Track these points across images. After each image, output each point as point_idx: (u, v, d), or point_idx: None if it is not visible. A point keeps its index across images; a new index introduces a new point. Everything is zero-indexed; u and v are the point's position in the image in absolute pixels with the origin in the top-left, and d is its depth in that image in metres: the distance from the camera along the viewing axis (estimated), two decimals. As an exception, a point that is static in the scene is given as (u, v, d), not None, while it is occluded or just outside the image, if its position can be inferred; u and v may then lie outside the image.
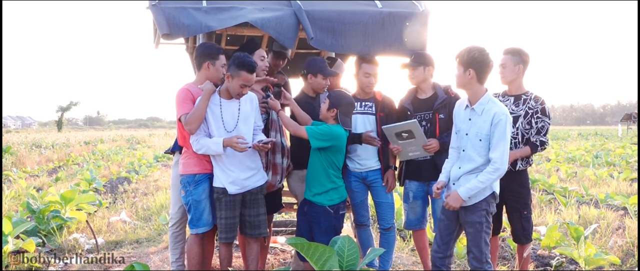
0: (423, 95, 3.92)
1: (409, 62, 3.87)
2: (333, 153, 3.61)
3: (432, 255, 3.45)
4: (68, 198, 6.68)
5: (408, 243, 5.51)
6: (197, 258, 3.68)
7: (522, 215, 3.81)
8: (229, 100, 3.57)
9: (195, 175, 3.61)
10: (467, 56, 3.15)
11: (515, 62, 3.76)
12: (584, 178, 11.42)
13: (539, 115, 3.71)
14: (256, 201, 3.67)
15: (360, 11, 3.88)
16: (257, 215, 3.68)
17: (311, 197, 3.66)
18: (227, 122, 3.55)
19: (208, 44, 3.89)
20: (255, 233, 3.71)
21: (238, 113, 3.58)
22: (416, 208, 4.01)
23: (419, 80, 3.88)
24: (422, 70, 3.84)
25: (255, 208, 3.67)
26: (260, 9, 3.75)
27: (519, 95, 3.80)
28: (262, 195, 3.72)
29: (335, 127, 3.60)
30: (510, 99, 3.80)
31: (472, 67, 3.15)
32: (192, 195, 3.60)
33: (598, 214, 6.76)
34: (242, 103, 3.61)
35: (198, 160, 3.63)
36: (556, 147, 24.75)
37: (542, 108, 3.72)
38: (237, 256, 4.99)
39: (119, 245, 5.84)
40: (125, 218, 7.10)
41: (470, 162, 3.25)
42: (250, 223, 3.69)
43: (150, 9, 3.53)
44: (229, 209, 3.59)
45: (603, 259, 4.41)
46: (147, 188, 10.47)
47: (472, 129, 3.24)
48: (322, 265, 3.01)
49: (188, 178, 3.62)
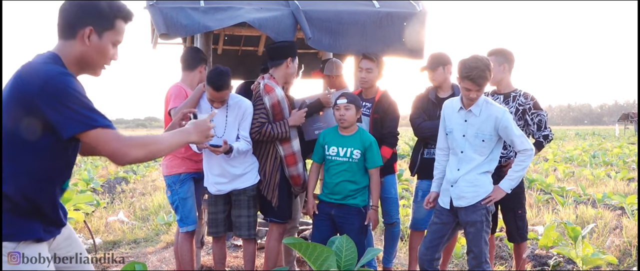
0: (443, 94, 3.93)
1: (428, 65, 3.89)
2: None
3: (420, 257, 3.42)
4: (65, 198, 6.64)
5: (406, 243, 5.52)
6: (189, 256, 3.77)
7: (517, 214, 3.81)
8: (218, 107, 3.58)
9: (180, 175, 3.71)
10: (483, 78, 3.11)
11: (499, 62, 3.78)
12: (581, 178, 11.42)
13: (533, 110, 3.72)
14: (238, 202, 3.67)
15: (358, 11, 3.88)
16: (238, 216, 3.68)
17: (341, 199, 3.57)
18: (217, 128, 3.54)
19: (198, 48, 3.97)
20: (240, 233, 3.72)
21: (225, 121, 3.59)
22: (423, 208, 4.01)
23: (441, 81, 3.88)
24: (442, 70, 3.86)
25: (237, 209, 3.68)
26: (258, 9, 3.75)
27: (508, 93, 3.82)
28: (246, 197, 3.66)
29: (366, 132, 3.65)
30: (500, 98, 3.82)
31: (485, 85, 3.17)
32: (178, 193, 3.70)
33: (595, 214, 6.77)
34: (230, 111, 3.60)
35: (182, 161, 3.71)
36: (554, 146, 24.74)
37: (534, 103, 3.73)
38: (235, 256, 5.00)
39: (116, 245, 5.84)
40: (123, 218, 7.09)
41: (470, 162, 3.26)
42: (234, 223, 3.73)
43: (148, 8, 3.53)
44: (211, 205, 3.71)
45: (600, 258, 4.41)
46: (144, 188, 10.47)
47: (470, 130, 3.24)
48: (320, 265, 3.01)
49: (173, 178, 3.72)
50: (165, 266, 4.81)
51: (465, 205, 3.26)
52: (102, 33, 1.88)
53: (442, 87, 3.93)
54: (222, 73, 3.43)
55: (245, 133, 3.60)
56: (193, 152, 3.69)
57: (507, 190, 3.27)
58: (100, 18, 1.88)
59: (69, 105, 1.71)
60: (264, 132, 3.55)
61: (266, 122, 3.57)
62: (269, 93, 3.57)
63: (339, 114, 3.52)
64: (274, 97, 3.57)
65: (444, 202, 3.37)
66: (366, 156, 3.56)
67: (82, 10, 1.87)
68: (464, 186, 3.26)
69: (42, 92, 1.70)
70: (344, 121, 3.51)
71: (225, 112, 3.60)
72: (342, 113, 3.50)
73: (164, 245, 5.70)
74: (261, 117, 3.57)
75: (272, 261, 3.75)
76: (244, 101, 3.65)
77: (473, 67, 3.08)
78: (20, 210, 1.79)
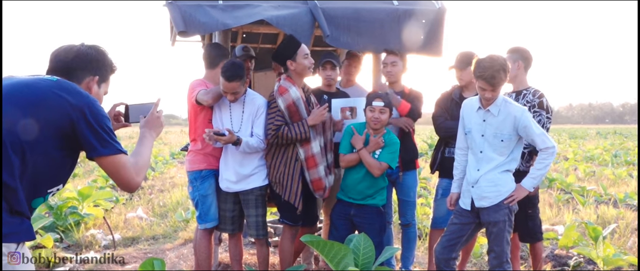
0: (468, 94, 3.91)
1: (456, 64, 3.89)
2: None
3: (436, 256, 3.40)
4: (85, 194, 6.75)
5: (424, 242, 5.49)
6: (206, 252, 3.79)
7: (527, 214, 3.75)
8: (232, 102, 3.60)
9: (201, 171, 3.70)
10: (498, 78, 3.09)
11: (514, 59, 3.76)
12: (602, 178, 11.28)
13: (535, 109, 3.65)
14: (246, 202, 3.68)
15: (377, 9, 3.87)
16: (247, 216, 3.72)
17: (360, 200, 3.58)
18: (233, 123, 3.60)
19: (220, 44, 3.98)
20: (250, 233, 3.75)
21: (242, 116, 3.61)
22: (443, 207, 3.99)
23: (468, 80, 3.87)
24: (471, 70, 3.84)
25: (246, 208, 3.71)
26: (276, 6, 3.76)
27: (520, 91, 3.79)
28: (253, 197, 3.66)
29: (394, 136, 3.63)
30: (512, 96, 3.79)
31: (501, 86, 3.16)
32: (199, 190, 3.70)
33: (617, 214, 6.68)
34: (246, 107, 3.62)
35: (204, 157, 3.71)
36: (574, 145, 24.45)
37: (539, 101, 3.67)
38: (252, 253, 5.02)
39: (135, 242, 5.90)
40: (141, 215, 7.17)
41: (490, 162, 3.24)
42: (246, 223, 3.78)
43: (167, 6, 3.56)
44: (222, 202, 3.75)
45: (622, 259, 4.36)
46: (163, 185, 10.56)
47: (489, 130, 3.23)
48: (337, 263, 3.02)
49: (195, 174, 3.72)
50: (183, 262, 4.85)
51: (487, 205, 3.24)
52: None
53: (468, 86, 3.92)
54: (234, 65, 3.44)
55: (259, 130, 3.59)
56: (214, 148, 3.68)
57: (529, 189, 3.25)
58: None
59: (105, 129, 1.95)
60: (281, 135, 3.47)
61: (282, 124, 3.49)
62: (283, 95, 3.50)
63: (372, 116, 3.50)
64: (289, 98, 3.51)
65: (465, 203, 3.35)
66: (382, 152, 3.54)
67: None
68: (485, 186, 3.24)
69: (85, 109, 1.89)
70: (377, 123, 3.50)
71: (241, 108, 3.62)
72: (376, 116, 3.48)
73: (182, 241, 5.75)
74: (277, 119, 3.50)
75: (286, 262, 3.76)
76: (258, 98, 3.67)
77: (487, 67, 3.07)
78: (20, 209, 1.85)
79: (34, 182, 1.88)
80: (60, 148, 1.91)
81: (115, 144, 1.96)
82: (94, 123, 1.90)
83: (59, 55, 2.08)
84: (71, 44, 2.12)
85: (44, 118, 1.85)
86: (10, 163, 1.79)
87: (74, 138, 1.91)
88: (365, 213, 3.57)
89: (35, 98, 1.86)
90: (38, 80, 1.94)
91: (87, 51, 2.10)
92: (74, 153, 1.99)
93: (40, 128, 1.84)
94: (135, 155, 2.11)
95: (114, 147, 1.96)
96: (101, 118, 1.94)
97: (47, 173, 1.93)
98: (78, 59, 2.07)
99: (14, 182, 1.79)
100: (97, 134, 1.91)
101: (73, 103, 1.88)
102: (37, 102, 1.86)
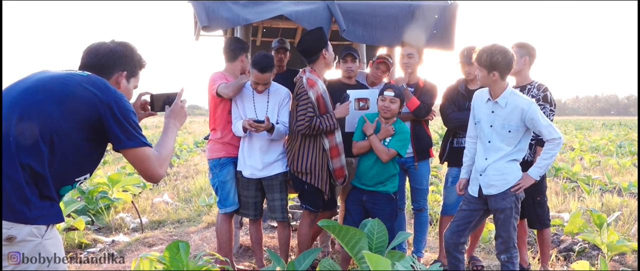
0: (474, 86, 4.03)
1: (462, 59, 4.01)
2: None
3: (446, 241, 3.52)
4: (115, 180, 7.07)
5: (435, 227, 5.63)
6: (227, 235, 4.00)
7: (535, 201, 3.86)
8: (259, 93, 3.79)
9: (220, 159, 3.91)
10: (491, 61, 3.21)
11: (521, 54, 3.84)
12: (607, 167, 11.33)
13: (540, 102, 3.73)
14: (271, 187, 3.88)
15: (391, 4, 4.00)
16: (272, 200, 3.91)
17: (372, 186, 3.74)
18: (258, 112, 3.78)
19: (239, 39, 4.17)
20: (275, 216, 3.94)
21: (266, 106, 3.80)
22: (453, 194, 4.12)
23: (474, 75, 3.97)
24: (476, 65, 3.96)
25: (271, 193, 3.90)
26: (295, 2, 3.91)
27: (524, 85, 3.87)
28: (278, 182, 3.86)
29: (404, 125, 3.77)
30: (517, 89, 3.87)
31: (496, 70, 3.23)
32: (218, 177, 3.91)
33: (621, 202, 6.77)
34: (271, 97, 3.82)
35: (223, 146, 3.92)
36: (580, 136, 24.29)
37: (544, 95, 3.76)
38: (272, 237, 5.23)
39: (161, 225, 6.16)
40: (167, 200, 7.44)
41: (498, 151, 3.34)
42: (269, 206, 3.97)
43: (191, 2, 3.75)
44: (243, 189, 3.92)
45: (625, 245, 4.45)
46: (187, 172, 10.84)
47: (497, 121, 3.32)
48: (352, 247, 3.18)
49: (214, 161, 3.93)
50: (206, 244, 5.07)
51: (495, 193, 3.34)
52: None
53: (474, 80, 4.03)
54: (267, 56, 3.66)
55: (284, 119, 3.82)
56: (233, 137, 3.88)
57: (535, 178, 3.33)
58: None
59: (131, 123, 2.03)
60: (313, 126, 3.60)
61: (314, 116, 3.62)
62: (313, 87, 3.62)
63: (383, 105, 3.66)
64: (317, 91, 3.64)
65: (473, 190, 3.46)
66: (392, 139, 3.69)
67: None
68: (492, 174, 3.34)
69: (112, 104, 1.98)
70: (387, 112, 3.65)
71: (266, 98, 3.82)
72: (387, 105, 3.64)
73: (205, 224, 5.99)
74: (309, 111, 3.61)
75: (304, 245, 3.93)
76: (283, 88, 3.87)
77: (486, 49, 3.23)
78: (50, 194, 1.92)
79: (62, 170, 1.95)
80: (88, 140, 1.99)
81: (140, 137, 2.04)
82: (120, 116, 1.98)
83: (90, 52, 2.17)
84: (102, 41, 2.22)
85: (74, 111, 1.93)
86: (40, 151, 1.86)
87: (102, 131, 1.99)
88: (377, 199, 3.73)
89: (66, 92, 1.95)
90: (70, 75, 2.03)
91: (116, 48, 2.19)
92: (101, 145, 2.07)
93: (69, 121, 1.92)
94: (159, 146, 2.17)
95: (139, 139, 2.04)
96: (127, 112, 2.02)
97: (75, 163, 2.00)
98: (108, 56, 2.16)
99: (43, 169, 1.87)
100: (123, 127, 1.99)
101: (101, 98, 1.97)
102: (68, 95, 1.94)
